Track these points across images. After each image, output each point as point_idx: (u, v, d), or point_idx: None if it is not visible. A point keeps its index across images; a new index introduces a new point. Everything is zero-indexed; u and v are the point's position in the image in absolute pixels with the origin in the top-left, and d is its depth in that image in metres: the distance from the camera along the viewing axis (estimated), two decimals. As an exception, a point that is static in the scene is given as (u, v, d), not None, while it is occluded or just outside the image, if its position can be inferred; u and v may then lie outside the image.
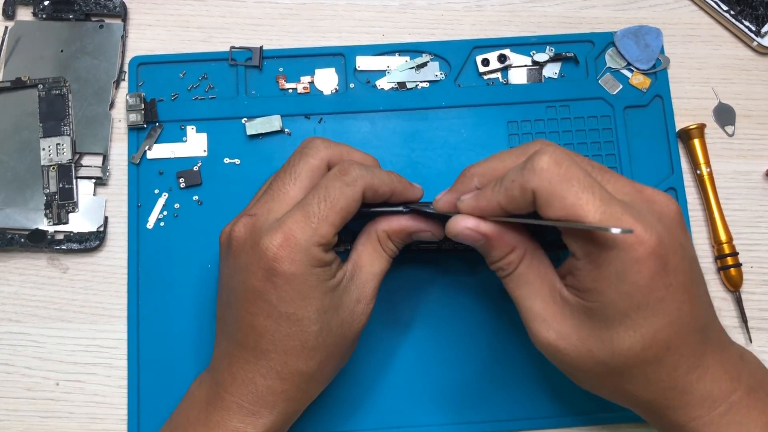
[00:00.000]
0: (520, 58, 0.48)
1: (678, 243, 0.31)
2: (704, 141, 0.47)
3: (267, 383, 0.35)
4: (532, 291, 0.34)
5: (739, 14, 0.49)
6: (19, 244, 0.45)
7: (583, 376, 0.34)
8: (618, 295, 0.31)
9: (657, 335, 0.31)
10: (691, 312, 0.32)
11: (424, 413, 0.43)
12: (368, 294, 0.37)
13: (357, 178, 0.34)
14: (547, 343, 0.33)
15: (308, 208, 0.34)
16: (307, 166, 0.36)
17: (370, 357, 0.44)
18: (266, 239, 0.33)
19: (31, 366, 0.44)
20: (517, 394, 0.44)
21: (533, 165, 0.31)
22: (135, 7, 0.49)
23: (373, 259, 0.37)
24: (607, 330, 0.31)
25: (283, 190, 0.35)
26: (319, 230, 0.33)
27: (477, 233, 0.33)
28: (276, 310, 0.34)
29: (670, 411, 0.33)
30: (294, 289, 0.33)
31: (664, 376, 0.32)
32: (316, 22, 0.49)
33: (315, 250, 0.33)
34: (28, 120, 0.47)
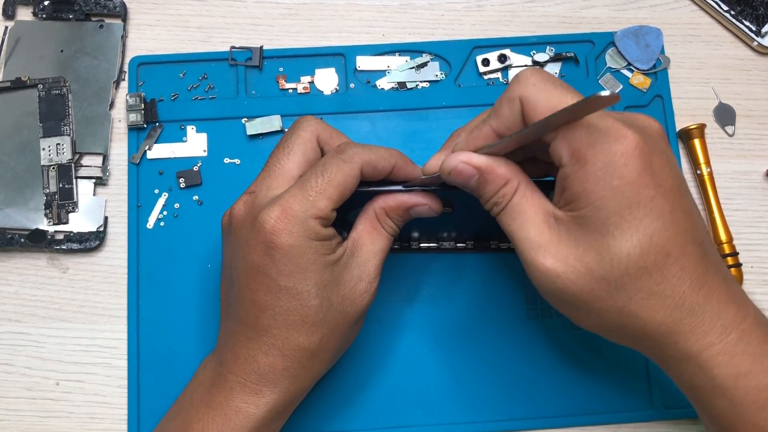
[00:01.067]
0: (520, 58, 0.48)
1: (662, 149, 0.31)
2: (704, 141, 0.47)
3: (269, 360, 0.35)
4: (527, 220, 0.33)
5: (740, 14, 0.49)
6: (19, 244, 0.45)
7: (585, 306, 0.32)
8: (608, 192, 0.30)
9: (654, 238, 0.30)
10: (687, 220, 0.31)
11: (424, 413, 0.43)
12: (371, 272, 0.37)
13: (354, 155, 0.35)
14: (545, 269, 0.32)
15: (306, 182, 0.34)
16: (299, 139, 0.37)
17: (369, 357, 0.44)
18: (264, 213, 0.34)
19: (31, 366, 0.44)
20: (516, 394, 0.44)
21: (518, 77, 0.32)
22: (135, 7, 0.49)
23: (373, 236, 0.37)
24: (603, 237, 0.31)
25: (278, 165, 0.36)
26: (316, 203, 0.34)
27: (470, 166, 0.33)
28: (276, 283, 0.34)
29: (681, 337, 0.32)
30: (292, 261, 0.34)
31: (669, 290, 0.31)
32: (316, 22, 0.49)
33: (312, 223, 0.34)
34: (28, 120, 0.47)
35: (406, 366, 0.44)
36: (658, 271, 0.31)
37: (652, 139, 0.31)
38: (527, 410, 0.43)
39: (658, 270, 0.31)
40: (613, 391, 0.44)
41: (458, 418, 0.43)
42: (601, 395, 0.44)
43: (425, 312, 0.45)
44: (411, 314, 0.44)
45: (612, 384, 0.44)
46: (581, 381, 0.44)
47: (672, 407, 0.44)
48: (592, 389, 0.44)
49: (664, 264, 0.31)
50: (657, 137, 0.32)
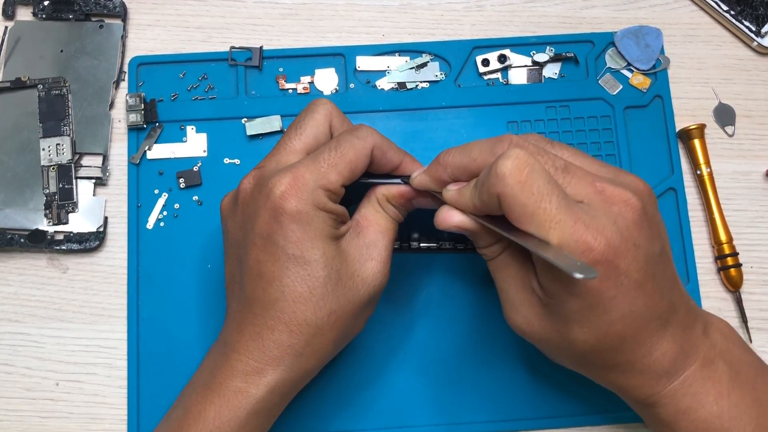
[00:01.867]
0: (520, 59, 0.48)
1: (632, 243, 0.32)
2: (704, 141, 0.47)
3: (274, 336, 0.34)
4: (509, 277, 0.35)
5: (740, 14, 0.49)
6: (19, 244, 0.45)
7: (548, 354, 0.37)
8: (570, 297, 0.32)
9: (610, 329, 0.32)
10: (646, 304, 0.33)
11: (424, 413, 0.43)
12: (381, 252, 0.37)
13: (368, 135, 0.36)
14: (515, 325, 0.36)
15: (318, 155, 0.35)
16: (312, 121, 0.37)
17: (369, 357, 0.44)
18: (275, 179, 0.34)
19: (31, 366, 0.44)
20: (516, 394, 0.44)
21: (496, 170, 0.31)
22: (135, 7, 0.49)
23: (377, 218, 0.37)
24: (564, 325, 0.33)
25: (290, 143, 0.37)
26: (327, 175, 0.34)
27: (463, 229, 0.35)
28: (283, 252, 0.34)
29: (631, 390, 0.35)
30: (300, 228, 0.34)
31: (621, 361, 0.34)
32: (316, 22, 0.49)
33: (321, 194, 0.34)
34: (28, 120, 0.47)
35: (406, 366, 0.44)
36: (612, 351, 0.34)
37: (622, 235, 0.31)
38: (527, 410, 0.43)
39: (612, 350, 0.34)
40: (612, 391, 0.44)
41: (458, 419, 0.43)
42: (601, 395, 0.43)
43: (425, 312, 0.45)
44: (411, 314, 0.44)
45: (612, 384, 0.44)
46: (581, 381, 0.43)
47: (672, 407, 0.44)
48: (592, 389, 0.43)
49: (618, 345, 0.33)
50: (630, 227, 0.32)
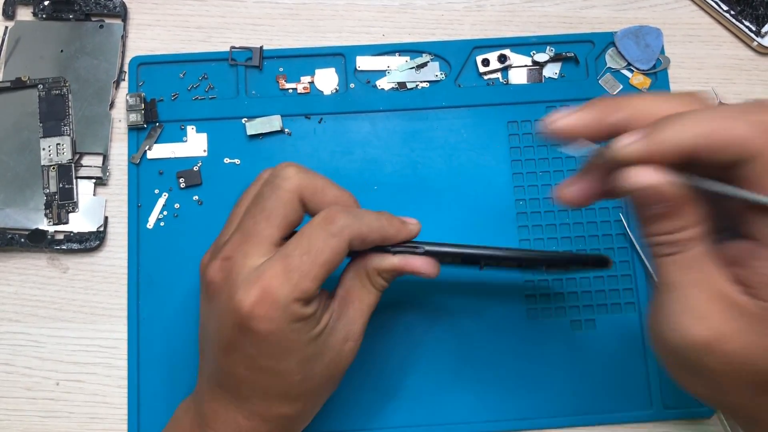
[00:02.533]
0: (520, 58, 0.48)
1: None
2: (704, 141, 0.47)
3: (250, 424, 0.34)
4: (701, 280, 0.27)
5: (740, 14, 0.49)
6: (19, 244, 0.45)
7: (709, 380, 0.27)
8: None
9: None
10: None
11: (424, 413, 0.43)
12: (357, 331, 0.34)
13: (344, 228, 0.31)
14: (699, 341, 0.26)
15: (289, 260, 0.31)
16: (279, 201, 0.32)
17: (369, 357, 0.44)
18: (241, 292, 0.31)
19: (31, 366, 0.44)
20: (516, 394, 0.44)
21: None
22: (135, 7, 0.49)
23: (362, 295, 0.34)
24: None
25: (256, 229, 0.32)
26: (300, 286, 0.31)
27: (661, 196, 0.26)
28: (255, 362, 0.32)
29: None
30: (272, 345, 0.31)
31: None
32: (316, 22, 0.49)
33: (295, 307, 0.31)
34: (28, 120, 0.47)
35: (406, 366, 0.44)
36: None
37: None
38: (527, 410, 0.43)
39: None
40: (612, 391, 0.44)
41: (458, 418, 0.43)
42: (601, 395, 0.44)
43: (424, 312, 0.45)
44: (410, 315, 0.44)
45: (611, 384, 0.44)
46: (581, 381, 0.44)
47: (671, 407, 0.44)
48: (592, 389, 0.44)
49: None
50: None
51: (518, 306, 0.45)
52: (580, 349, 0.44)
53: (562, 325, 0.44)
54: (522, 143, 0.47)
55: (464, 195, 0.46)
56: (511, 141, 0.47)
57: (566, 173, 0.47)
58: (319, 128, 0.47)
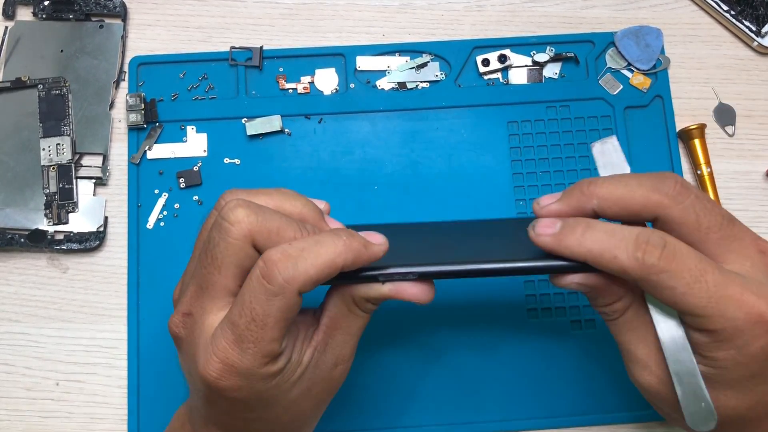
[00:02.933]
0: (520, 58, 0.48)
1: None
2: (704, 141, 0.47)
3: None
4: (637, 337, 0.33)
5: (740, 14, 0.49)
6: (19, 244, 0.45)
7: (676, 417, 0.33)
8: (734, 365, 0.30)
9: (763, 398, 0.31)
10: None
11: (421, 413, 0.43)
12: (347, 354, 0.33)
13: (286, 282, 0.28)
14: (647, 385, 0.33)
15: (237, 330, 0.29)
16: (228, 250, 0.30)
17: (369, 357, 0.44)
18: (203, 363, 0.30)
19: (31, 366, 0.44)
20: (516, 394, 0.44)
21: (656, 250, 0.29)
22: (135, 7, 0.49)
23: (349, 321, 0.33)
24: (713, 390, 0.31)
25: (210, 281, 0.30)
26: (258, 353, 0.29)
27: (584, 286, 0.32)
28: (240, 414, 0.31)
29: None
30: (252, 403, 0.31)
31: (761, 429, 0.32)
32: (316, 22, 0.49)
33: (261, 371, 0.29)
34: (28, 120, 0.47)
35: (406, 366, 0.44)
36: (758, 420, 0.32)
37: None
38: (527, 410, 0.43)
39: (758, 419, 0.31)
40: (612, 391, 0.44)
41: (458, 418, 0.43)
42: (601, 395, 0.44)
43: (424, 312, 0.44)
44: (410, 315, 0.44)
45: (611, 384, 0.44)
46: (581, 381, 0.44)
47: (672, 407, 0.44)
48: (592, 389, 0.44)
49: (765, 416, 0.31)
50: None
51: (518, 306, 0.45)
52: (580, 350, 0.44)
53: (562, 325, 0.44)
54: (522, 143, 0.47)
55: (464, 195, 0.46)
56: (511, 141, 0.47)
57: (566, 173, 0.47)
58: (319, 128, 0.47)
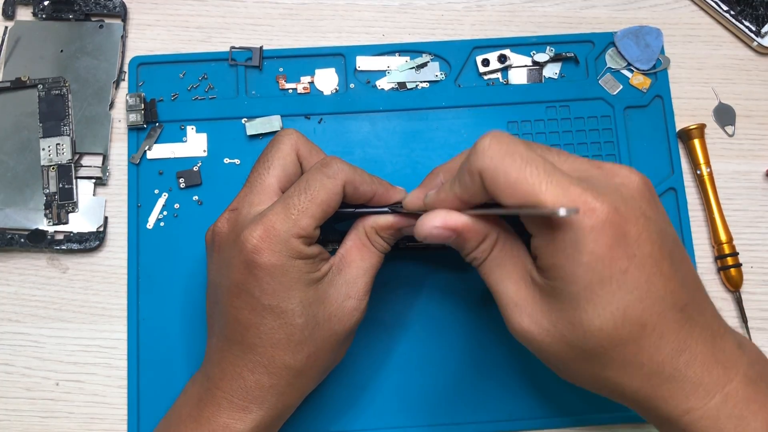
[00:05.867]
0: (520, 59, 0.48)
1: (640, 213, 0.30)
2: (704, 141, 0.47)
3: (255, 378, 0.35)
4: (505, 274, 0.33)
5: (740, 14, 0.49)
6: (19, 244, 0.45)
7: (561, 365, 0.33)
8: (577, 268, 0.29)
9: (628, 311, 0.29)
10: (666, 287, 0.30)
11: (425, 414, 0.43)
12: (360, 289, 0.36)
13: (338, 171, 0.35)
14: (521, 329, 0.32)
15: (288, 200, 0.34)
16: (278, 153, 0.36)
17: (369, 357, 0.44)
18: (246, 232, 0.33)
19: (31, 366, 0.44)
20: (516, 394, 0.44)
21: (476, 147, 0.30)
22: (135, 7, 0.49)
23: (362, 253, 0.37)
24: (575, 311, 0.30)
25: (259, 180, 0.36)
26: (299, 222, 0.33)
27: (446, 230, 0.33)
28: (259, 302, 0.34)
29: (661, 402, 0.31)
30: (275, 280, 0.33)
31: (646, 359, 0.30)
32: (316, 22, 0.49)
33: (295, 242, 0.33)
34: (28, 120, 0.47)
35: (407, 366, 0.44)
36: (633, 342, 0.30)
37: (627, 203, 0.30)
38: (527, 410, 0.43)
39: (633, 341, 0.30)
40: (613, 391, 0.44)
41: (459, 419, 0.43)
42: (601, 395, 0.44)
43: (425, 312, 0.45)
44: (411, 314, 0.44)
45: (612, 384, 0.44)
46: (581, 381, 0.44)
47: (672, 407, 0.44)
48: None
49: (640, 335, 0.30)
50: (636, 197, 0.31)
51: (518, 306, 0.45)
52: (580, 349, 0.44)
53: (562, 325, 0.44)
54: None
55: (464, 195, 0.46)
56: (511, 141, 0.47)
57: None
58: (319, 128, 0.47)
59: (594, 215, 0.29)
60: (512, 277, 0.33)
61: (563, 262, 0.30)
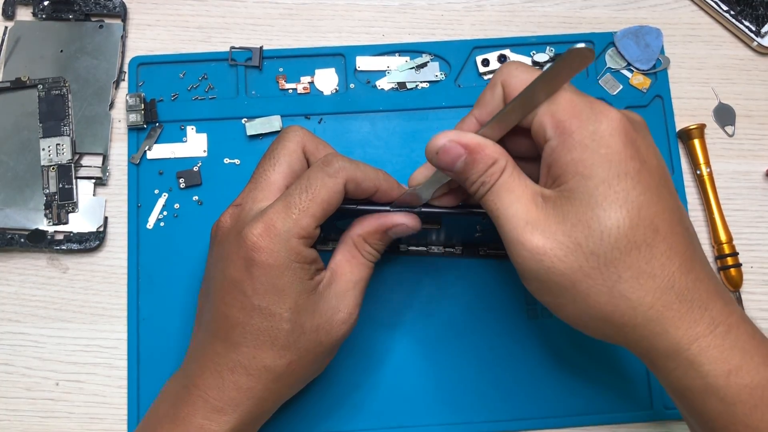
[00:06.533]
0: (520, 59, 0.48)
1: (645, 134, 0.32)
2: (704, 141, 0.47)
3: (234, 378, 0.34)
4: (515, 198, 0.32)
5: (739, 14, 0.49)
6: (19, 244, 0.45)
7: (571, 288, 0.31)
8: (596, 159, 0.30)
9: (642, 211, 0.30)
10: (672, 200, 0.31)
11: (421, 413, 0.43)
12: (349, 303, 0.36)
13: (339, 169, 0.34)
14: (532, 247, 0.31)
15: (290, 198, 0.34)
16: (284, 150, 0.36)
17: (368, 357, 0.44)
18: (247, 228, 0.33)
19: (31, 366, 0.44)
20: (516, 394, 0.44)
21: (500, 68, 0.34)
22: (135, 7, 0.49)
23: (351, 266, 0.36)
24: (591, 209, 0.30)
25: (264, 176, 0.36)
26: (299, 221, 0.33)
27: (458, 145, 0.32)
28: (249, 301, 0.34)
29: (670, 325, 0.30)
30: (269, 281, 0.33)
31: (658, 269, 0.30)
32: (316, 22, 0.49)
33: (295, 242, 0.33)
34: (28, 120, 0.47)
35: (406, 366, 0.44)
36: (647, 247, 0.30)
37: (636, 123, 0.32)
38: (527, 410, 0.43)
39: (647, 246, 0.30)
40: (612, 391, 0.44)
41: (458, 419, 0.43)
42: (601, 395, 0.44)
43: (425, 312, 0.45)
44: (411, 314, 0.44)
45: (612, 384, 0.44)
46: (581, 381, 0.44)
47: (672, 408, 0.44)
48: (592, 389, 0.44)
49: (653, 240, 0.30)
50: (641, 125, 0.33)
51: (518, 306, 0.45)
52: (580, 349, 0.44)
53: (562, 325, 0.44)
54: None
55: (464, 195, 0.46)
56: (511, 141, 0.47)
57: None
58: (319, 128, 0.47)
59: (610, 116, 0.30)
60: (522, 199, 0.32)
61: (581, 155, 0.30)
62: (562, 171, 0.31)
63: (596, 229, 0.30)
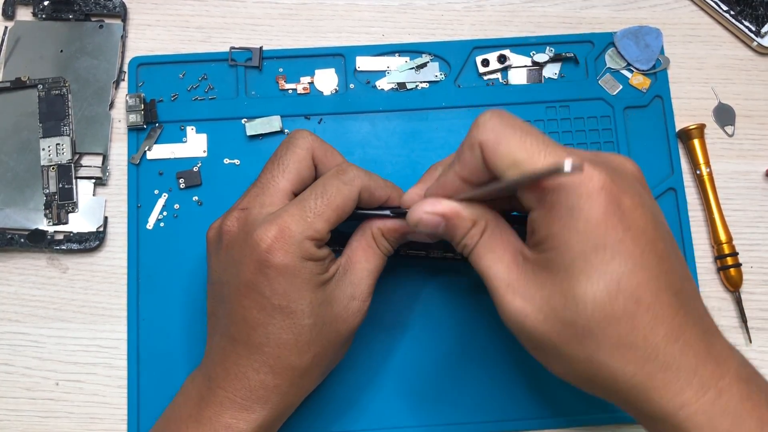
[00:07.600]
0: (520, 59, 0.48)
1: (635, 190, 0.30)
2: (704, 141, 0.47)
3: (259, 378, 0.35)
4: (496, 258, 0.33)
5: (739, 14, 0.49)
6: (19, 244, 0.45)
7: (554, 351, 0.31)
8: (573, 235, 0.29)
9: (622, 283, 0.29)
10: (660, 266, 0.30)
11: (424, 414, 0.43)
12: (363, 291, 0.37)
13: (354, 178, 0.35)
14: (513, 309, 0.31)
15: (305, 203, 0.34)
16: (294, 156, 0.36)
17: (369, 358, 0.44)
18: (260, 231, 0.34)
19: (31, 366, 0.44)
20: (516, 394, 0.44)
21: (477, 121, 0.32)
22: (135, 7, 0.49)
23: (367, 255, 0.37)
24: (568, 281, 0.29)
25: (273, 182, 0.36)
26: (314, 225, 0.34)
27: (435, 215, 0.33)
28: (269, 302, 0.34)
29: (655, 393, 0.30)
30: (287, 281, 0.33)
31: (640, 340, 0.29)
32: (316, 22, 0.49)
33: (308, 244, 0.34)
34: (28, 120, 0.47)
35: (407, 367, 0.44)
36: (627, 318, 0.29)
37: (623, 179, 0.30)
38: (527, 410, 0.43)
39: (627, 318, 0.29)
40: (612, 391, 0.44)
41: (458, 419, 0.43)
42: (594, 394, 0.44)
43: (425, 312, 0.45)
44: (411, 315, 0.44)
45: (611, 384, 0.44)
46: (581, 381, 0.44)
47: (671, 407, 0.44)
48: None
49: (635, 311, 0.29)
50: (630, 178, 0.31)
51: (518, 306, 0.45)
52: (579, 350, 0.44)
53: (561, 326, 0.44)
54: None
55: (464, 195, 0.46)
56: (511, 141, 0.47)
57: (566, 173, 0.47)
58: (319, 129, 0.47)
59: (590, 182, 0.29)
60: (503, 260, 0.33)
61: (559, 230, 0.30)
62: (542, 241, 0.31)
63: (572, 300, 0.29)
